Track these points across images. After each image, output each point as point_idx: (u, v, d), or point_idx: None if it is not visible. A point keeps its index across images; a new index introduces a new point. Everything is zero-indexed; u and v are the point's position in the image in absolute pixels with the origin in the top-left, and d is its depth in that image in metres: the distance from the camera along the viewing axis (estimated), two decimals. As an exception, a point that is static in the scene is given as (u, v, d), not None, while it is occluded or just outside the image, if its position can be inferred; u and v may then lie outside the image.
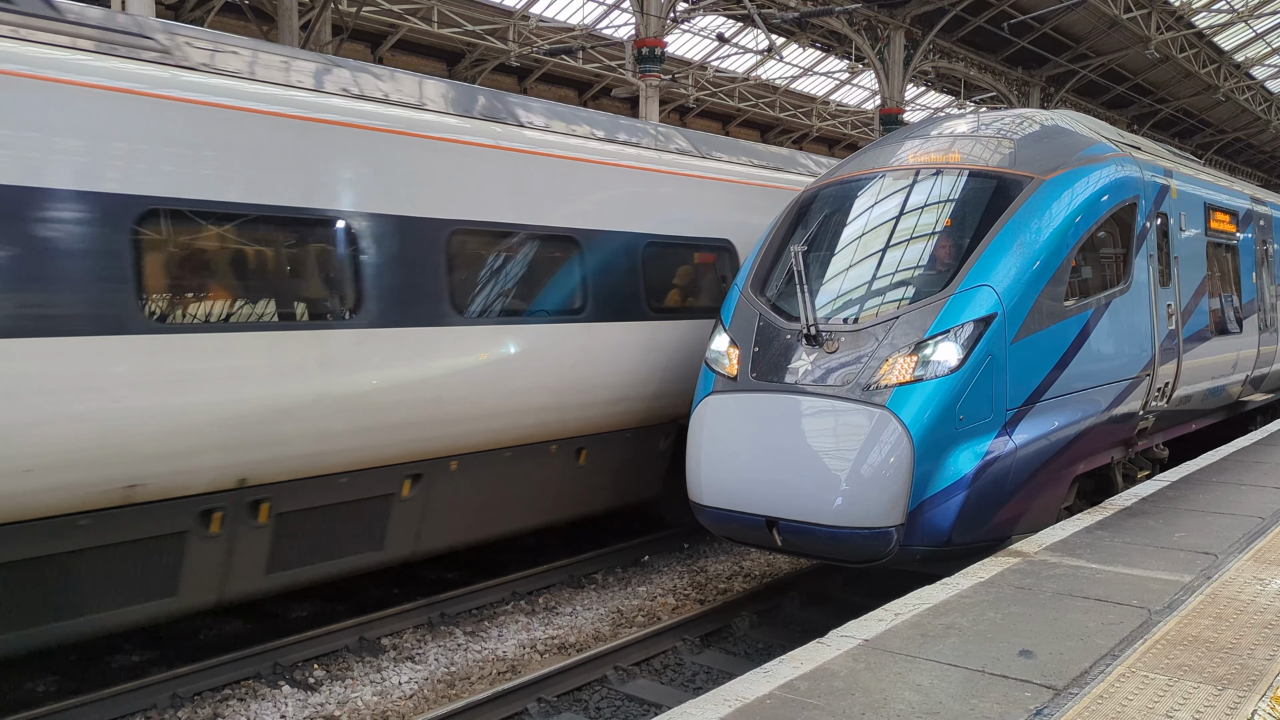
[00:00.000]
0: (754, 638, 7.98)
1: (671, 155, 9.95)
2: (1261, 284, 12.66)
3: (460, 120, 7.99)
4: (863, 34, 26.95)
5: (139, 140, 5.95)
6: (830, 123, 39.77)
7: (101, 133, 5.78)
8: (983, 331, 6.80)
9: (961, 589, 5.60)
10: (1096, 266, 8.07)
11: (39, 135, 5.53)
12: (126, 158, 5.88)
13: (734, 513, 7.07)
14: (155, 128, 6.03)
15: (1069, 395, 7.53)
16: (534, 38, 28.00)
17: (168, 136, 6.08)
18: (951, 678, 4.35)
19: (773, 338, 7.38)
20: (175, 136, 6.12)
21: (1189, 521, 7.03)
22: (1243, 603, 5.27)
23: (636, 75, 20.92)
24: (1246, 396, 12.27)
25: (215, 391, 6.20)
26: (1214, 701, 4.05)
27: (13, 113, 5.45)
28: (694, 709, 4.06)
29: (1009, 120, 8.65)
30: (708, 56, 32.48)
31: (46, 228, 5.53)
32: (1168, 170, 9.83)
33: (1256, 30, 35.30)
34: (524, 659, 7.55)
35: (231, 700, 6.77)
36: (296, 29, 18.37)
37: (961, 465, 6.70)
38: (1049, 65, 33.92)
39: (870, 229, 7.88)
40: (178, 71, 6.31)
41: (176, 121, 6.14)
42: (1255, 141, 50.06)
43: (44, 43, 5.73)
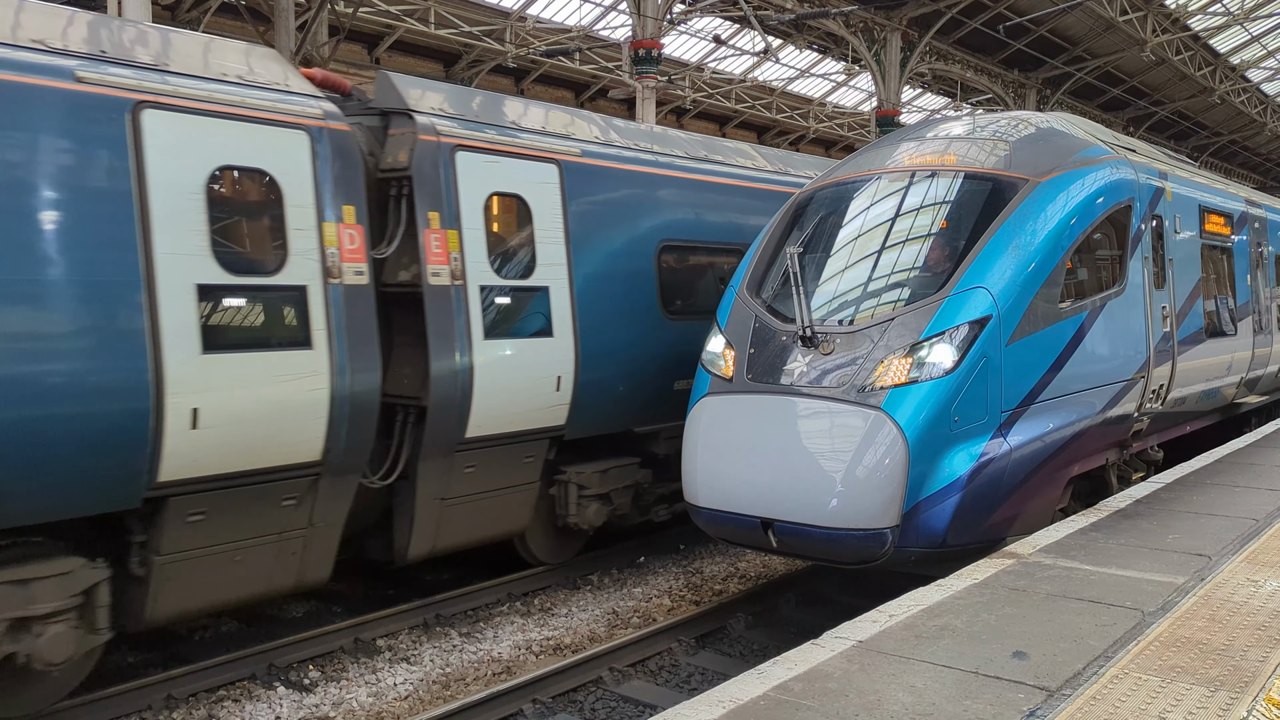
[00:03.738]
0: (749, 639, 7.98)
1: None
2: (1256, 286, 12.68)
3: (769, 172, 11.44)
4: (859, 36, 26.98)
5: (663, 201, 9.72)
6: (827, 124, 39.79)
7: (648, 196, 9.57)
8: (978, 333, 6.82)
9: (956, 590, 5.61)
10: (1092, 268, 8.09)
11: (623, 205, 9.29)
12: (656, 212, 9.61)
13: (729, 514, 7.08)
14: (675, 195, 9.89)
15: (1064, 397, 7.54)
16: (531, 39, 27.99)
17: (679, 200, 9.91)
18: (945, 679, 4.35)
19: (768, 339, 7.39)
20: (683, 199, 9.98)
21: (1183, 523, 7.04)
22: (1236, 604, 5.28)
23: (633, 77, 20.92)
24: (1241, 398, 12.29)
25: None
26: (1207, 703, 4.06)
27: (619, 196, 9.20)
28: (689, 710, 4.06)
29: (1005, 122, 8.67)
30: (705, 58, 32.48)
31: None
32: (1163, 173, 9.86)
33: (1252, 33, 35.37)
34: (519, 660, 7.55)
35: (226, 701, 6.76)
36: (293, 30, 18.35)
37: (956, 467, 6.71)
38: (1045, 67, 33.98)
39: (866, 231, 7.90)
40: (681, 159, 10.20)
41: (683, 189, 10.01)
42: (1250, 144, 50.15)
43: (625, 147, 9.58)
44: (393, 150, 7.72)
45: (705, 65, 32.86)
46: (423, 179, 7.52)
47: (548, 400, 8.29)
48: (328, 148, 6.90)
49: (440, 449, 7.63)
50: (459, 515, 8.03)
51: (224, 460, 6.25)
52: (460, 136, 7.84)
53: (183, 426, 5.99)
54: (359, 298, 6.93)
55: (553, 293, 8.38)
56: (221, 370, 6.17)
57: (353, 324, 6.87)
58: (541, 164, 8.40)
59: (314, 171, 6.80)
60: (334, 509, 7.07)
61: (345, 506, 7.17)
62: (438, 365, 7.42)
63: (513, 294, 8.08)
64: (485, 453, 7.97)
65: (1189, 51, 34.24)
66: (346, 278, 6.88)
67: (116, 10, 11.92)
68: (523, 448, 8.30)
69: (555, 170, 8.51)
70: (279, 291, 6.52)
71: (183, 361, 5.98)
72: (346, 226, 6.94)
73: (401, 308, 7.59)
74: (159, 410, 5.87)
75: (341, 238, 6.89)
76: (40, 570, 5.70)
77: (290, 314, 6.59)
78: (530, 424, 8.24)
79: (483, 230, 7.85)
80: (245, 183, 6.57)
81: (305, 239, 6.67)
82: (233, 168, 6.45)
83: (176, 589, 6.35)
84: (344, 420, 6.79)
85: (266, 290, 6.48)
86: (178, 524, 6.21)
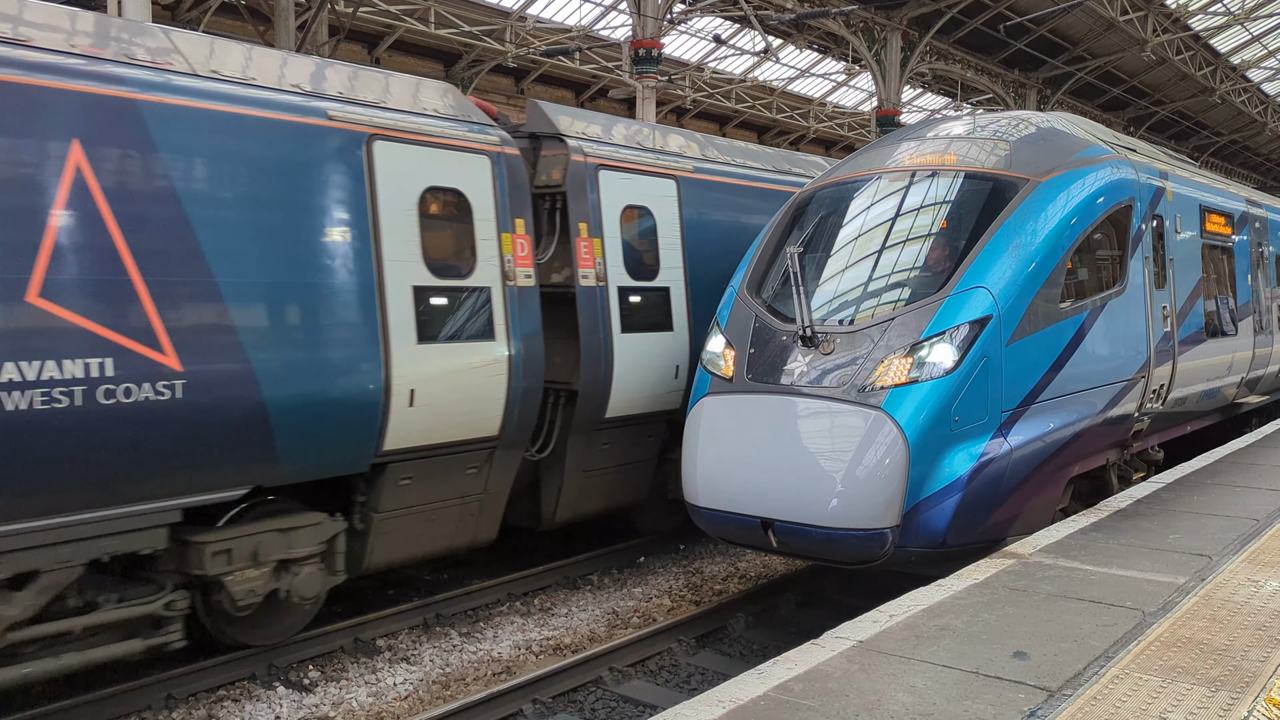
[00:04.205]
0: (749, 639, 7.98)
1: None
2: (1256, 286, 12.68)
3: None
4: (859, 35, 26.97)
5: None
6: (827, 124, 39.79)
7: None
8: (978, 333, 6.81)
9: (956, 590, 5.60)
10: (1092, 268, 8.08)
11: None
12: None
13: (729, 514, 7.08)
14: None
15: (1064, 397, 7.54)
16: (531, 39, 27.99)
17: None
18: (946, 679, 4.35)
19: (769, 339, 7.38)
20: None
21: (1184, 523, 7.04)
22: (1237, 604, 5.28)
23: (633, 76, 20.92)
24: (1241, 398, 12.29)
25: None
26: (1208, 703, 4.06)
27: (721, 205, 10.18)
28: (689, 710, 4.06)
29: (1005, 122, 8.67)
30: (705, 58, 32.48)
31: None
32: (1163, 172, 9.85)
33: (1253, 33, 35.35)
34: (519, 660, 7.54)
35: (226, 701, 6.76)
36: (293, 29, 18.35)
37: (957, 467, 6.70)
38: (1045, 67, 33.97)
39: (866, 230, 7.89)
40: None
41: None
42: (1251, 144, 50.13)
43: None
44: (546, 169, 8.98)
45: (705, 65, 32.86)
46: (574, 194, 8.81)
47: (667, 387, 9.48)
48: (504, 169, 8.08)
49: (586, 427, 8.88)
50: (596, 485, 9.30)
51: (429, 434, 7.42)
52: (601, 157, 9.10)
53: (403, 405, 7.16)
54: (528, 297, 8.09)
55: (672, 293, 9.58)
56: (430, 358, 7.34)
57: (523, 320, 8.02)
58: (663, 179, 9.65)
59: (494, 190, 7.98)
60: (503, 478, 8.23)
61: (511, 476, 8.31)
62: (587, 355, 8.66)
63: (643, 294, 9.29)
64: (618, 431, 9.21)
65: (1189, 51, 34.23)
66: (519, 280, 8.06)
67: (116, 10, 11.91)
68: (646, 428, 9.50)
69: (674, 185, 9.74)
70: (470, 292, 7.71)
71: (404, 350, 7.15)
72: (518, 236, 8.15)
73: (552, 305, 8.63)
74: (387, 391, 7.05)
75: (515, 246, 8.11)
76: (298, 522, 7.01)
77: (478, 311, 7.76)
78: (653, 407, 9.40)
79: (619, 238, 9.09)
80: (445, 201, 7.70)
81: (489, 247, 7.88)
82: (436, 188, 7.59)
83: (387, 542, 7.51)
84: (517, 401, 7.95)
85: (461, 291, 7.65)
86: (392, 486, 7.37)
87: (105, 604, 6.16)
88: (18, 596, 5.68)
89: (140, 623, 6.38)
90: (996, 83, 33.47)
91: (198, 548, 6.49)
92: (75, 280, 5.65)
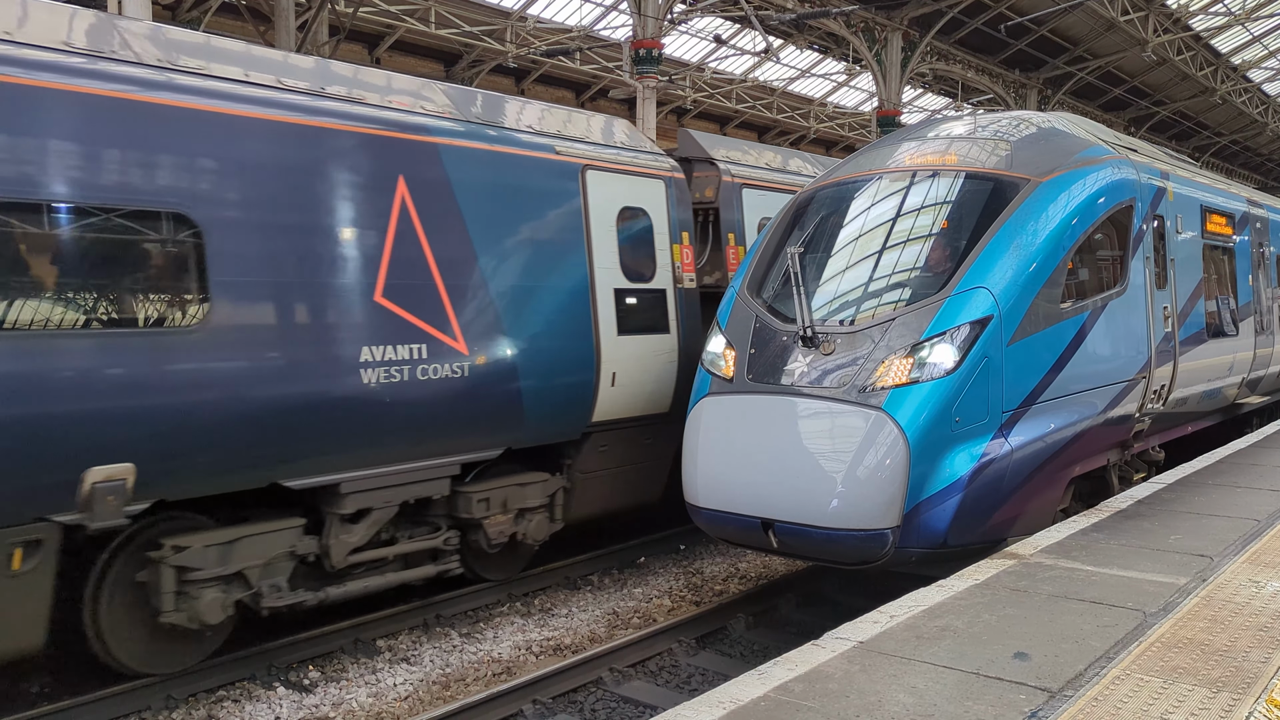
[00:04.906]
0: (749, 639, 7.97)
1: None
2: (1258, 286, 12.67)
3: None
4: (860, 36, 26.97)
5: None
6: (827, 125, 39.78)
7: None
8: (979, 334, 6.80)
9: (957, 591, 5.59)
10: (1093, 269, 8.07)
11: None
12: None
13: (730, 514, 7.07)
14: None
15: (1065, 398, 7.53)
16: (531, 39, 27.98)
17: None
18: (946, 680, 4.34)
19: (769, 339, 7.38)
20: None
21: (1184, 524, 7.03)
22: (1238, 605, 5.27)
23: (634, 77, 20.91)
24: (1243, 399, 12.28)
25: None
26: (1209, 704, 4.05)
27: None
28: (689, 711, 4.05)
29: (1006, 122, 8.66)
30: (705, 58, 32.48)
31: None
32: (1164, 173, 9.84)
33: (1254, 33, 35.35)
34: (519, 660, 7.54)
35: (226, 701, 6.75)
36: (293, 29, 18.34)
37: (957, 467, 6.69)
38: (1046, 67, 33.97)
39: (867, 231, 7.88)
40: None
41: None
42: (1252, 144, 50.14)
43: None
44: (699, 188, 10.81)
45: (706, 65, 32.85)
46: (725, 209, 10.62)
47: None
48: (673, 191, 9.73)
49: None
50: None
51: (622, 409, 9.02)
52: (744, 178, 10.90)
53: (607, 385, 8.82)
54: (691, 298, 9.77)
55: None
56: (625, 347, 8.96)
57: (688, 316, 9.67)
58: (785, 195, 11.29)
59: (667, 208, 9.62)
60: (666, 449, 9.56)
61: (673, 448, 9.38)
62: None
63: None
64: None
65: (1190, 52, 34.23)
66: (684, 283, 9.72)
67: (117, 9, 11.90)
68: None
69: (792, 199, 11.01)
70: (651, 293, 9.34)
71: (608, 341, 8.80)
72: (684, 247, 9.77)
73: (704, 304, 10.07)
74: (597, 373, 8.71)
75: (681, 254, 9.72)
76: (532, 478, 8.57)
77: (657, 309, 9.38)
78: None
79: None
80: (634, 218, 9.31)
81: (664, 256, 9.53)
82: (628, 208, 9.22)
83: (587, 497, 9.02)
84: (682, 384, 9.41)
85: (645, 292, 9.28)
86: (593, 452, 8.95)
87: (404, 539, 7.81)
88: (356, 528, 7.34)
89: (419, 555, 7.97)
90: (997, 83, 33.46)
91: (467, 496, 8.04)
92: (403, 283, 7.28)
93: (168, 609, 6.41)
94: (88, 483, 5.79)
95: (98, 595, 6.42)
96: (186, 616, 6.47)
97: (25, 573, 5.71)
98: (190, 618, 6.47)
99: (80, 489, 5.78)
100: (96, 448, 5.79)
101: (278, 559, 6.94)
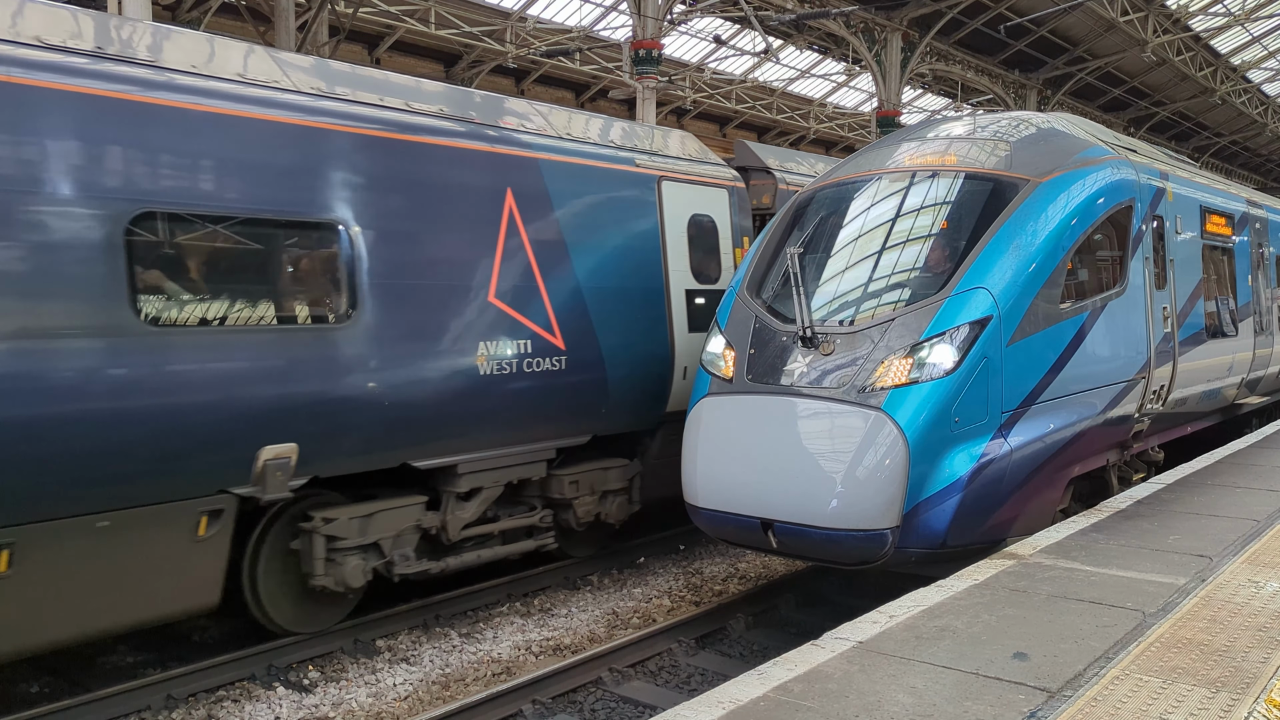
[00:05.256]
0: (749, 639, 7.97)
1: None
2: (1257, 287, 12.67)
3: None
4: (860, 36, 26.98)
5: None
6: (827, 125, 39.79)
7: None
8: (978, 334, 6.80)
9: (956, 591, 5.60)
10: (1092, 269, 8.07)
11: None
12: None
13: (729, 515, 7.07)
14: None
15: (1064, 398, 7.53)
16: (531, 39, 27.98)
17: None
18: (945, 680, 4.35)
19: (769, 340, 7.38)
20: None
21: (1184, 524, 7.03)
22: (1237, 605, 5.28)
23: (633, 77, 20.92)
24: (1242, 399, 12.28)
25: None
26: (1208, 704, 4.05)
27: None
28: (688, 711, 4.06)
29: (1005, 123, 8.66)
30: (705, 58, 32.48)
31: None
32: (1164, 173, 9.85)
33: (1253, 34, 35.37)
34: (519, 660, 7.54)
35: (226, 701, 6.76)
36: (294, 30, 18.35)
37: (957, 468, 6.70)
38: (1046, 68, 33.98)
39: (866, 231, 7.88)
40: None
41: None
42: (1252, 145, 50.15)
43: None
44: (755, 195, 11.78)
45: (705, 66, 32.86)
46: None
47: None
48: (735, 199, 10.51)
49: None
50: None
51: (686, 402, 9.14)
52: (797, 185, 11.90)
53: (679, 378, 9.51)
54: None
55: None
56: (694, 344, 9.59)
57: None
58: None
59: (730, 215, 10.40)
60: None
61: None
62: None
63: None
64: None
65: (1190, 52, 34.24)
66: None
67: (117, 9, 11.91)
68: None
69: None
70: (717, 294, 9.99)
71: (680, 338, 9.56)
72: (744, 250, 10.49)
73: None
74: (672, 368, 9.47)
75: (741, 258, 10.18)
76: (615, 464, 9.33)
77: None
78: None
79: None
80: (701, 224, 10.09)
81: (728, 259, 10.31)
82: (696, 215, 10.00)
83: (658, 482, 9.51)
84: None
85: (711, 293, 9.99)
86: (663, 439, 9.47)
87: (505, 517, 8.62)
88: (468, 505, 8.14)
89: (517, 532, 8.77)
90: (997, 83, 33.48)
91: (560, 478, 8.81)
92: (511, 285, 8.11)
93: (319, 574, 7.24)
94: (261, 460, 6.59)
95: (255, 561, 7.22)
96: (334, 580, 7.29)
97: (209, 538, 6.54)
98: (337, 581, 7.30)
99: (255, 465, 6.58)
100: (268, 429, 6.60)
101: (406, 531, 7.77)
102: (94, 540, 5.93)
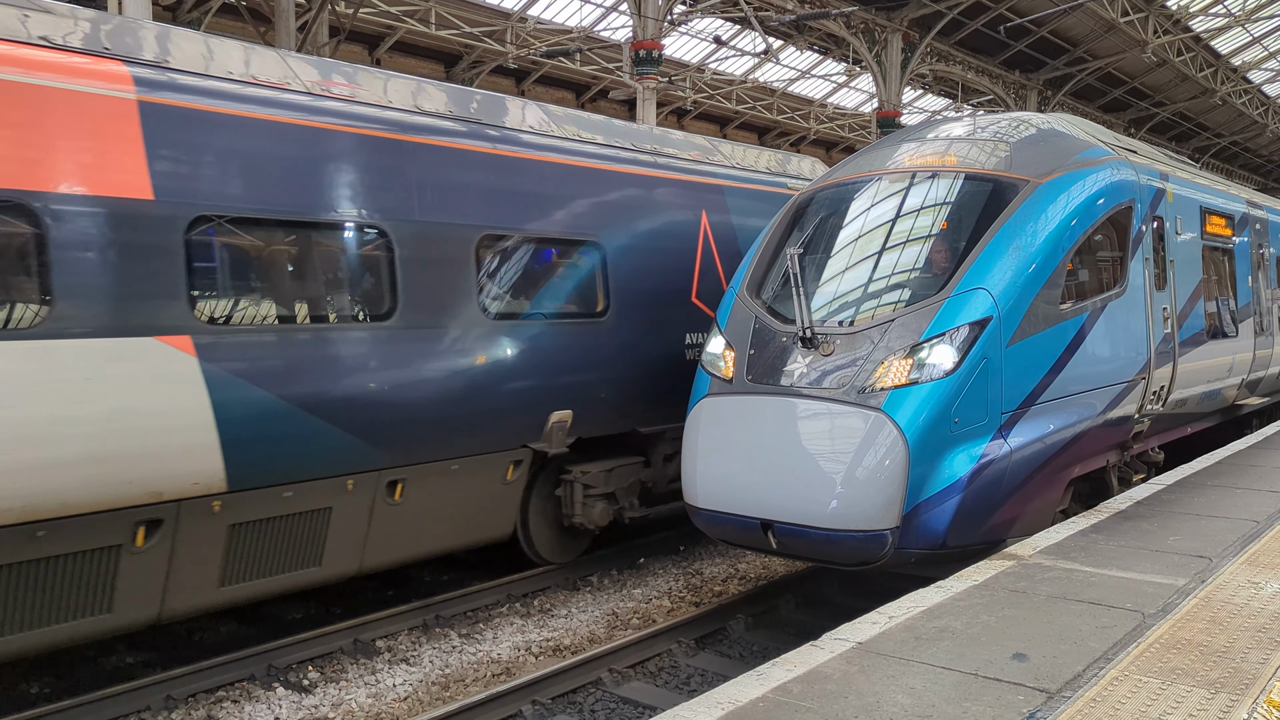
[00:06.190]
0: (749, 640, 7.97)
1: None
2: (1257, 287, 12.67)
3: None
4: (860, 37, 26.98)
5: None
6: (827, 126, 39.79)
7: None
8: (978, 335, 6.80)
9: (955, 592, 5.60)
10: (1092, 270, 8.07)
11: None
12: None
13: (729, 515, 7.07)
14: None
15: (1064, 399, 7.53)
16: (531, 40, 27.99)
17: None
18: (945, 681, 4.35)
19: (769, 340, 7.38)
20: None
21: (1184, 525, 7.03)
22: (1237, 606, 5.28)
23: (634, 77, 20.92)
24: (1242, 400, 12.28)
25: None
26: (1207, 705, 4.06)
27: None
28: (688, 712, 4.06)
29: (1005, 123, 8.66)
30: (705, 59, 32.49)
31: None
32: (1164, 174, 9.84)
33: (1254, 35, 35.36)
34: (519, 661, 7.54)
35: (225, 702, 6.76)
36: (294, 30, 18.35)
37: (957, 468, 6.70)
38: (1046, 68, 33.98)
39: (866, 232, 7.88)
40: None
41: None
42: (1252, 145, 50.15)
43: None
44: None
45: (706, 66, 32.85)
46: None
47: None
48: None
49: None
50: None
51: None
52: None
53: None
54: None
55: None
56: None
57: None
58: None
59: None
60: None
61: None
62: None
63: None
64: None
65: (1190, 53, 34.24)
66: None
67: (117, 9, 11.91)
68: None
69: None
70: None
71: None
72: None
73: None
74: None
75: None
76: None
77: None
78: None
79: None
80: None
81: None
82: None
83: None
84: None
85: None
86: None
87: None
88: (670, 466, 9.63)
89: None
90: (997, 84, 33.47)
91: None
92: (706, 288, 9.96)
93: (577, 514, 9.04)
94: (550, 422, 8.53)
95: (527, 503, 8.91)
96: (586, 519, 9.05)
97: (513, 482, 8.52)
98: (588, 520, 9.06)
99: (545, 426, 8.50)
100: (555, 398, 8.55)
101: (632, 484, 9.53)
102: (449, 479, 7.89)
